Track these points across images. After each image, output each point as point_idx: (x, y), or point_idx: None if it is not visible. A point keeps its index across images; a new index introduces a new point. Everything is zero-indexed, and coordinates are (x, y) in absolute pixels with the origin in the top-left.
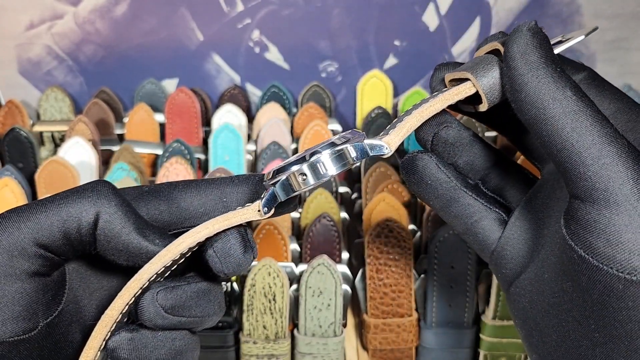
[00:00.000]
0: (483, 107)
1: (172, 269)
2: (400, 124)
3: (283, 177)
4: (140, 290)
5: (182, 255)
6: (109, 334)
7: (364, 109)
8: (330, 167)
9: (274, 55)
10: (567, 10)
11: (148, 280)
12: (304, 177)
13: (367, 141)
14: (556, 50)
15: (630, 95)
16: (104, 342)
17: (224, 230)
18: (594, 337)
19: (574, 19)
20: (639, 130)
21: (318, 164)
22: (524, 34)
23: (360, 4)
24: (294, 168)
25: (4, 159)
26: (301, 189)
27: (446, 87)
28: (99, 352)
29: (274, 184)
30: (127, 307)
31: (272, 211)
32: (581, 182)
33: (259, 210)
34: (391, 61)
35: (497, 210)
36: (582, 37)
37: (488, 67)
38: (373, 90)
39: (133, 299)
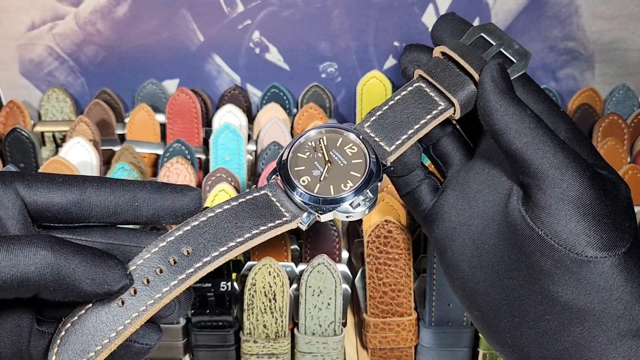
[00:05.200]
0: (456, 117)
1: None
2: (401, 147)
3: (329, 215)
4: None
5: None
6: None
7: (363, 109)
8: (364, 206)
9: (274, 56)
10: (566, 11)
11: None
12: (349, 217)
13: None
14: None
15: (629, 96)
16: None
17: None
18: (537, 299)
19: (573, 20)
20: (561, 129)
21: (360, 206)
22: (494, 67)
23: (359, 5)
24: (342, 214)
25: (5, 159)
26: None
27: (413, 76)
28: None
29: (319, 213)
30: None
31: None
32: (528, 168)
33: (301, 223)
34: (391, 62)
35: (434, 178)
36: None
37: (465, 93)
38: (373, 91)
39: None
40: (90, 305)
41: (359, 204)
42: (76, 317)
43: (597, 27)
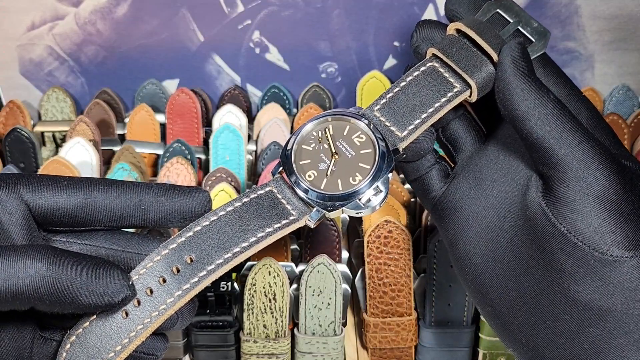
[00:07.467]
0: (472, 99)
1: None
2: (414, 132)
3: (338, 212)
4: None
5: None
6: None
7: None
8: (375, 201)
9: (274, 56)
10: (566, 11)
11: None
12: (359, 213)
13: (390, 175)
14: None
15: (629, 96)
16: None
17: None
18: (555, 297)
19: (573, 20)
20: (582, 115)
21: (370, 202)
22: (515, 47)
23: (359, 5)
24: (352, 211)
25: (5, 159)
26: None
27: (425, 55)
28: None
29: (327, 210)
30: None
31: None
32: (550, 158)
33: (309, 220)
34: (391, 62)
35: (445, 163)
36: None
37: (483, 74)
38: (373, 91)
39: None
40: (95, 317)
41: (369, 199)
42: (80, 330)
43: (597, 27)
